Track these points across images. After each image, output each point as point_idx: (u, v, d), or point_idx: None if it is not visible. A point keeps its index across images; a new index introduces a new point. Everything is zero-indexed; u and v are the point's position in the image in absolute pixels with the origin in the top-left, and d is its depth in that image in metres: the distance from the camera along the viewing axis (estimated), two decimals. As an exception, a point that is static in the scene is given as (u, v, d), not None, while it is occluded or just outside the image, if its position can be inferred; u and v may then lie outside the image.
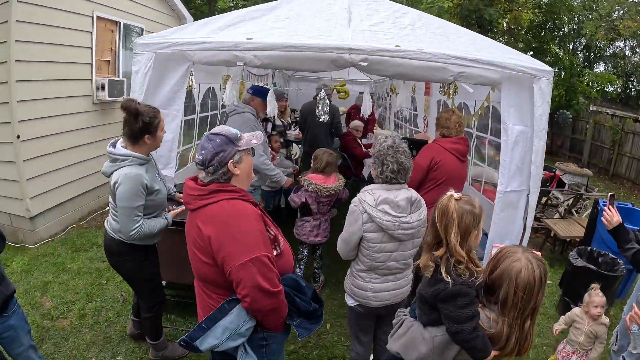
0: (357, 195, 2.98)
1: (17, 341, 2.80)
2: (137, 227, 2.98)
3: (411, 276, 3.21)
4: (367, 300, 3.06)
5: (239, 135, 2.27)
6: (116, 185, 2.92)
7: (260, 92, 4.98)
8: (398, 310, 2.61)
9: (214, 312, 2.15)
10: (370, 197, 2.87)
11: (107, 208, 7.03)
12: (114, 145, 3.05)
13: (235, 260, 2.03)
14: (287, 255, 2.41)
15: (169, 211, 3.46)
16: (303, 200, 4.58)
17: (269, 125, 6.32)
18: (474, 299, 2.10)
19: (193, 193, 2.20)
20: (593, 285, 3.79)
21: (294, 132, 6.98)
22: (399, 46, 3.66)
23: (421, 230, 2.96)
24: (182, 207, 3.53)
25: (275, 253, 2.23)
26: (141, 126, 2.95)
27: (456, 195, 2.16)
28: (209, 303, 2.24)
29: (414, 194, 2.97)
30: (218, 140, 2.20)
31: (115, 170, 2.96)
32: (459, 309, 2.05)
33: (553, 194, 7.73)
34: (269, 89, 4.96)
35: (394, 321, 2.53)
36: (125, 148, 3.02)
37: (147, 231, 3.06)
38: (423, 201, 3.02)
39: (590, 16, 14.87)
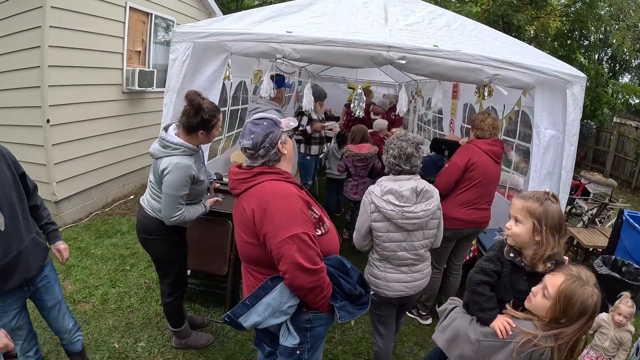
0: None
1: (50, 292, 2.92)
2: (178, 215, 3.04)
3: (428, 270, 3.25)
4: (381, 290, 3.12)
5: (279, 119, 2.41)
6: (165, 173, 2.96)
7: (281, 83, 5.06)
8: (450, 297, 2.60)
9: (257, 289, 2.20)
10: (378, 189, 3.01)
11: (132, 197, 7.20)
12: (166, 129, 3.10)
13: (275, 237, 2.09)
14: (332, 236, 2.43)
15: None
16: (344, 165, 5.78)
17: (304, 118, 6.27)
18: (494, 258, 2.26)
19: (238, 177, 2.30)
20: (624, 293, 3.76)
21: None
22: (436, 46, 3.68)
23: (431, 221, 3.06)
24: (217, 198, 3.61)
25: (319, 233, 2.29)
26: (199, 121, 2.99)
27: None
28: (255, 283, 2.28)
29: (420, 184, 3.00)
30: (265, 123, 2.32)
31: (165, 157, 3.00)
32: (483, 260, 2.30)
33: (577, 203, 7.66)
34: (284, 76, 5.00)
35: (440, 308, 2.55)
36: (178, 136, 3.06)
37: (188, 218, 3.12)
38: (434, 192, 3.08)
39: (617, 26, 14.71)
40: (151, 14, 7.46)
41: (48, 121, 5.48)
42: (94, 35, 6.11)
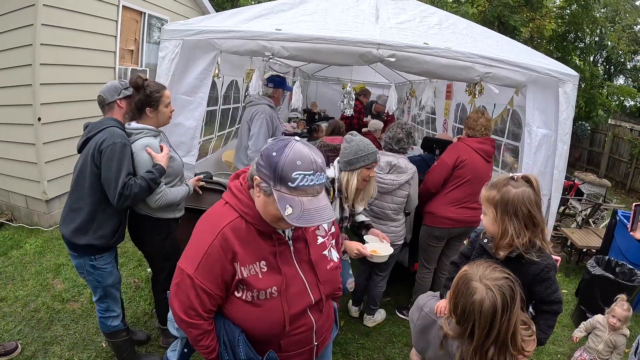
0: None
1: None
2: (160, 194, 3.03)
3: (395, 229, 4.01)
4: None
5: (290, 179, 1.54)
6: (134, 157, 2.95)
7: (280, 84, 5.00)
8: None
9: None
10: None
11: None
12: (129, 124, 3.09)
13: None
14: (268, 311, 1.79)
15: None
16: None
17: None
18: (470, 242, 2.55)
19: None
20: (621, 295, 3.74)
21: None
22: (427, 43, 3.66)
23: (398, 191, 3.92)
24: (201, 176, 3.69)
25: (240, 296, 1.77)
26: (142, 98, 2.99)
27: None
28: None
29: (394, 160, 3.90)
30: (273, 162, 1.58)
31: (132, 144, 2.99)
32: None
33: (571, 203, 7.66)
34: (284, 77, 4.96)
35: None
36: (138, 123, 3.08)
37: (171, 197, 3.11)
38: (408, 170, 3.89)
39: (612, 28, 14.72)
40: (144, 13, 7.44)
41: (39, 119, 5.44)
42: (86, 33, 6.08)
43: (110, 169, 2.77)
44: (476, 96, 4.09)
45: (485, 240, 2.21)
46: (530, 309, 2.37)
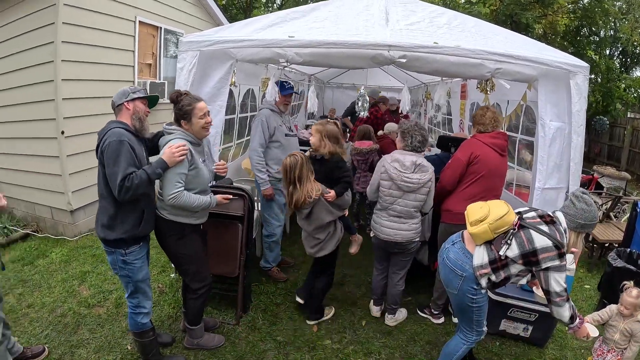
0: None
1: None
2: (175, 192, 3.13)
3: (415, 226, 4.05)
4: (378, 232, 4.13)
5: None
6: (162, 151, 3.13)
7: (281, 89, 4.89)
8: None
9: None
10: (389, 157, 4.03)
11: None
12: (169, 125, 3.31)
13: None
14: None
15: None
16: (350, 159, 6.28)
17: None
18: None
19: None
20: (626, 283, 3.69)
21: None
22: (436, 43, 3.71)
23: (422, 189, 3.92)
24: (229, 196, 3.69)
25: None
26: (176, 112, 3.23)
27: None
28: None
29: (419, 160, 3.93)
30: None
31: (168, 141, 3.17)
32: None
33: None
34: (290, 83, 5.00)
35: None
36: None
37: (186, 200, 3.19)
38: (429, 168, 3.94)
39: (625, 20, 14.54)
40: (160, 28, 7.63)
41: (63, 133, 5.62)
42: (105, 49, 6.27)
43: (109, 165, 2.93)
44: (488, 92, 4.11)
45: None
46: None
